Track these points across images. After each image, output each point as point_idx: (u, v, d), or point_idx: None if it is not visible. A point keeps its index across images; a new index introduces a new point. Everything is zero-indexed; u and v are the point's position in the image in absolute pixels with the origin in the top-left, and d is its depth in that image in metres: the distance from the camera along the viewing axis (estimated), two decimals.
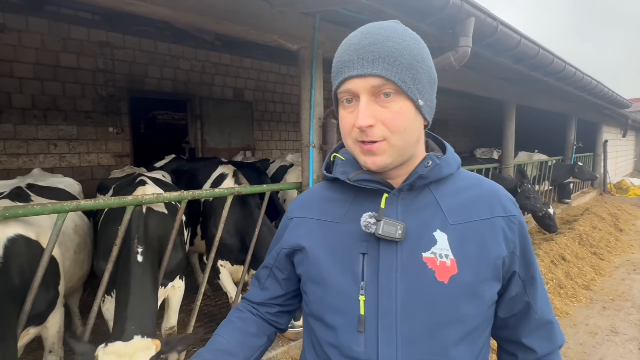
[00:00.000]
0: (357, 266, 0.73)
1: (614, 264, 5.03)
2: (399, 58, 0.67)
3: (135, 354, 1.55)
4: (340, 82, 0.70)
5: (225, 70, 6.14)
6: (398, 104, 0.69)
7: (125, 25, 4.68)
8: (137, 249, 1.92)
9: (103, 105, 4.85)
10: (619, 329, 3.32)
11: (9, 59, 4.16)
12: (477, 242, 0.72)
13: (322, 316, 0.76)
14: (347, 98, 0.72)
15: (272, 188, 2.74)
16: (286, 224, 0.88)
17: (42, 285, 1.70)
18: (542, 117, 8.76)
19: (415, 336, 0.69)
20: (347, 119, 0.72)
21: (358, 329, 0.70)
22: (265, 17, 2.31)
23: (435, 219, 0.73)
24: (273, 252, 0.89)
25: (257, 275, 0.94)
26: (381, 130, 0.68)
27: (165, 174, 3.37)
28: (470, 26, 2.35)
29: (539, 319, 0.79)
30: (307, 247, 0.79)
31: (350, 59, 0.68)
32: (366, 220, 0.71)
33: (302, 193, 0.95)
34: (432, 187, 0.76)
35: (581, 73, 4.62)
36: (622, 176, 13.96)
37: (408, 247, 0.71)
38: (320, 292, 0.76)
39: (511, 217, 0.76)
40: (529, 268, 0.78)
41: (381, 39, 0.68)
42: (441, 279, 0.69)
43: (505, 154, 5.85)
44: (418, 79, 0.69)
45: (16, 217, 1.68)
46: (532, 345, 0.79)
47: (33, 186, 2.42)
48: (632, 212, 8.25)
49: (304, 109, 2.73)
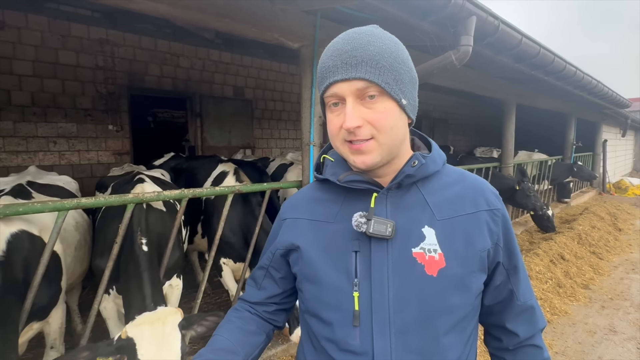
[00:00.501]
0: (350, 264, 0.76)
1: (613, 263, 5.04)
2: (381, 61, 0.70)
3: (167, 318, 1.58)
4: (326, 86, 0.73)
5: (225, 68, 6.13)
6: (383, 105, 0.71)
7: (126, 22, 4.66)
8: (141, 240, 1.94)
9: (103, 103, 4.84)
10: (617, 328, 3.33)
11: (9, 56, 4.15)
12: (463, 236, 0.76)
13: (318, 313, 0.79)
14: (333, 102, 0.74)
15: (272, 186, 2.74)
16: (279, 225, 0.90)
17: (45, 280, 1.72)
18: (542, 116, 8.77)
19: (407, 328, 0.72)
20: (335, 121, 0.75)
21: (353, 324, 0.74)
22: (266, 15, 2.31)
23: (423, 216, 0.77)
24: (268, 253, 0.91)
25: (253, 277, 0.96)
26: (368, 129, 0.71)
27: (164, 173, 3.36)
28: (472, 25, 2.34)
29: (521, 305, 0.84)
30: (301, 246, 0.82)
31: (335, 64, 0.71)
32: (357, 220, 0.74)
33: (293, 194, 0.96)
34: (419, 184, 0.80)
35: (581, 72, 4.62)
36: (621, 176, 13.98)
37: (398, 243, 0.75)
38: (315, 290, 0.79)
39: (494, 210, 0.80)
40: (512, 258, 0.82)
41: (362, 43, 0.71)
42: (430, 272, 0.73)
43: (505, 153, 5.85)
44: (400, 80, 0.72)
45: (17, 215, 1.68)
46: (515, 330, 0.84)
47: (33, 184, 2.43)
48: (631, 211, 8.26)
49: (304, 107, 2.72)
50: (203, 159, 4.12)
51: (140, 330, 1.52)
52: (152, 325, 1.53)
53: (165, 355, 1.48)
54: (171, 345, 1.52)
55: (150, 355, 1.45)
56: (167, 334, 1.53)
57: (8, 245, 1.69)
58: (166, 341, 1.51)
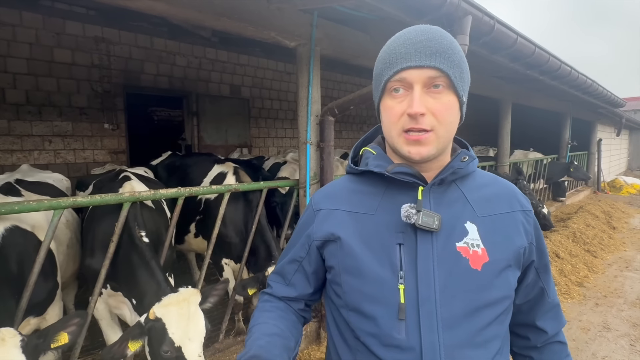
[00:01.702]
0: (395, 256, 0.75)
1: (607, 261, 5.09)
2: (452, 56, 0.73)
3: (190, 298, 1.67)
4: (396, 71, 0.73)
5: (222, 66, 6.11)
6: (447, 97, 0.73)
7: (121, 20, 4.64)
8: (140, 233, 1.97)
9: (98, 101, 4.82)
10: (611, 325, 3.37)
11: (3, 54, 4.11)
12: (502, 233, 0.79)
13: (360, 306, 0.77)
14: (395, 87, 0.75)
15: (269, 185, 2.75)
16: (312, 216, 0.87)
17: (41, 275, 1.73)
18: (537, 115, 8.81)
19: (454, 321, 0.72)
20: (396, 108, 0.74)
21: (399, 317, 0.73)
22: (262, 14, 2.31)
23: (464, 212, 0.78)
24: (299, 246, 0.88)
25: (280, 272, 0.92)
26: (430, 119, 0.72)
27: (147, 170, 3.33)
28: (468, 24, 2.35)
29: (551, 302, 0.88)
30: (342, 237, 0.80)
31: (407, 51, 0.72)
32: (408, 211, 0.74)
33: (325, 185, 0.94)
34: (458, 182, 0.81)
35: (576, 72, 4.65)
36: (616, 175, 14.10)
37: (442, 237, 0.75)
38: (357, 283, 0.78)
39: (527, 211, 0.83)
40: (542, 257, 0.86)
41: (436, 37, 0.73)
42: (475, 266, 0.74)
43: (500, 152, 5.88)
44: (463, 78, 0.75)
45: (12, 214, 1.67)
46: (544, 327, 0.87)
47: (22, 182, 2.45)
48: (625, 210, 8.34)
49: (301, 106, 2.72)
50: (197, 157, 4.01)
51: (168, 310, 1.60)
52: (179, 306, 1.62)
53: (192, 333, 1.58)
54: (197, 323, 1.62)
55: (179, 333, 1.55)
56: (193, 313, 1.63)
57: (3, 241, 1.72)
58: (192, 319, 1.61)
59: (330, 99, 7.26)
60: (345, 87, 8.19)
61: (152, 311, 1.60)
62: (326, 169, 2.75)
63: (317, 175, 2.79)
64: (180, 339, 1.56)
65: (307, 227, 0.87)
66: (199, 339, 1.60)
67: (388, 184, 0.81)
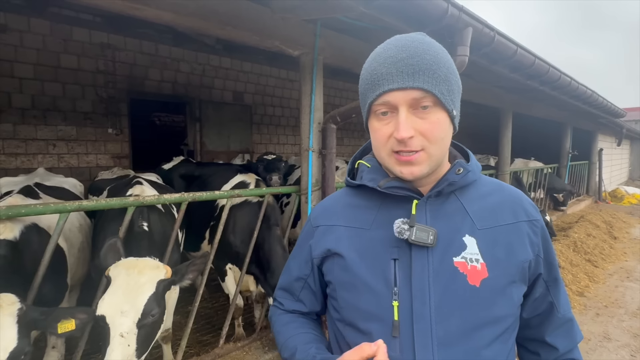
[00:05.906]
0: (389, 272, 0.73)
1: (608, 271, 5.08)
2: (437, 71, 0.69)
3: (144, 269, 1.52)
4: (379, 94, 0.70)
5: (225, 73, 6.18)
6: (436, 115, 0.70)
7: (127, 27, 4.71)
8: (141, 223, 2.00)
9: (103, 106, 4.87)
10: (611, 335, 3.36)
11: (10, 59, 4.18)
12: (504, 246, 0.74)
13: (355, 322, 0.76)
14: (382, 111, 0.72)
15: (271, 191, 2.77)
16: (311, 232, 0.87)
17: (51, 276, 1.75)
18: (538, 124, 8.84)
19: (450, 339, 0.69)
20: (383, 130, 0.72)
21: (392, 334, 0.71)
22: (267, 23, 2.35)
23: (463, 225, 0.75)
24: (302, 263, 0.88)
25: (287, 288, 0.92)
26: (420, 140, 0.70)
27: (159, 177, 3.37)
28: (468, 36, 2.39)
29: (562, 317, 0.82)
30: (337, 253, 0.79)
31: (389, 71, 0.69)
32: (400, 227, 0.72)
33: (323, 200, 0.95)
34: (458, 193, 0.78)
35: (576, 82, 4.69)
36: (617, 184, 14.09)
37: (439, 252, 0.73)
38: (352, 299, 0.76)
39: (534, 221, 0.78)
40: (551, 270, 0.81)
41: (418, 52, 0.69)
42: (473, 282, 0.71)
43: (501, 160, 5.90)
44: (452, 90, 0.72)
45: (19, 217, 1.70)
46: (554, 344, 0.82)
47: (41, 185, 2.51)
48: (627, 220, 8.32)
49: (304, 113, 2.76)
50: (217, 167, 3.96)
51: (117, 272, 1.48)
52: (127, 271, 1.48)
53: (124, 305, 1.39)
54: (136, 297, 1.42)
55: (112, 299, 1.40)
56: (139, 284, 1.46)
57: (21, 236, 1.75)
58: (133, 292, 1.43)
59: (332, 106, 7.31)
60: (347, 95, 8.25)
61: (109, 267, 1.53)
62: (328, 176, 2.77)
63: (318, 182, 2.81)
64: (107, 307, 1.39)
65: (305, 243, 0.88)
66: (132, 315, 1.40)
67: (384, 198, 0.79)
